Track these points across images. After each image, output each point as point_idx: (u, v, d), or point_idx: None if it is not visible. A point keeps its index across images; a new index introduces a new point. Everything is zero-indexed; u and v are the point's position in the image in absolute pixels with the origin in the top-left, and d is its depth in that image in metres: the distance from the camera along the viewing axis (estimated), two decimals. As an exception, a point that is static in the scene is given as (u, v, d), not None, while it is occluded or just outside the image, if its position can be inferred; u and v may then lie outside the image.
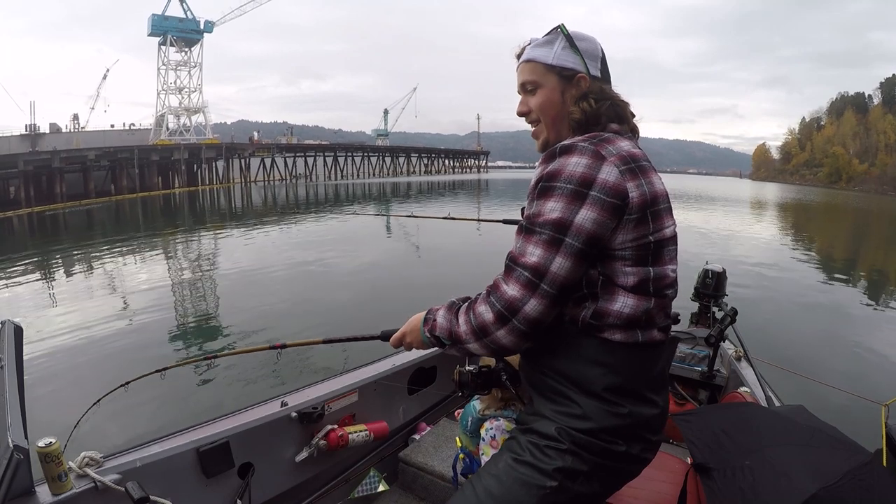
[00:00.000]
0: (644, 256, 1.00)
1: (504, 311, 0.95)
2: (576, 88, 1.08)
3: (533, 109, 1.12)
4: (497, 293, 0.97)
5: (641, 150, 1.06)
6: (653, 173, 1.03)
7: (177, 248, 15.47)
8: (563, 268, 0.93)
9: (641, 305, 0.99)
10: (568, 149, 0.98)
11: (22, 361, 1.30)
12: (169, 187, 46.39)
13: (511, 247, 1.00)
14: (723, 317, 2.41)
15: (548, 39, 1.10)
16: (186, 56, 57.34)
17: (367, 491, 1.97)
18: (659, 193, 1.02)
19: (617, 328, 0.99)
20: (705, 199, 39.73)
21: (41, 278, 11.01)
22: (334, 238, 15.51)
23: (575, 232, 0.93)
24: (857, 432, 1.44)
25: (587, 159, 0.96)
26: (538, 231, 0.95)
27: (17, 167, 35.85)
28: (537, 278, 0.93)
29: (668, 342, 1.09)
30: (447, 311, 1.08)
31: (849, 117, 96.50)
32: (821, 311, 8.21)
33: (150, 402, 4.00)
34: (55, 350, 5.98)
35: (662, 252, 1.03)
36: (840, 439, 1.37)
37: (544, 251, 0.94)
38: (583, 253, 0.94)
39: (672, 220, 1.06)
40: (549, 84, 1.09)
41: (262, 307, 7.78)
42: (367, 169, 68.74)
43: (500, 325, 0.96)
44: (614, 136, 1.03)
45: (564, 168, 0.96)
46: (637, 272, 0.99)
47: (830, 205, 44.26)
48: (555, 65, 1.08)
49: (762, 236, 17.94)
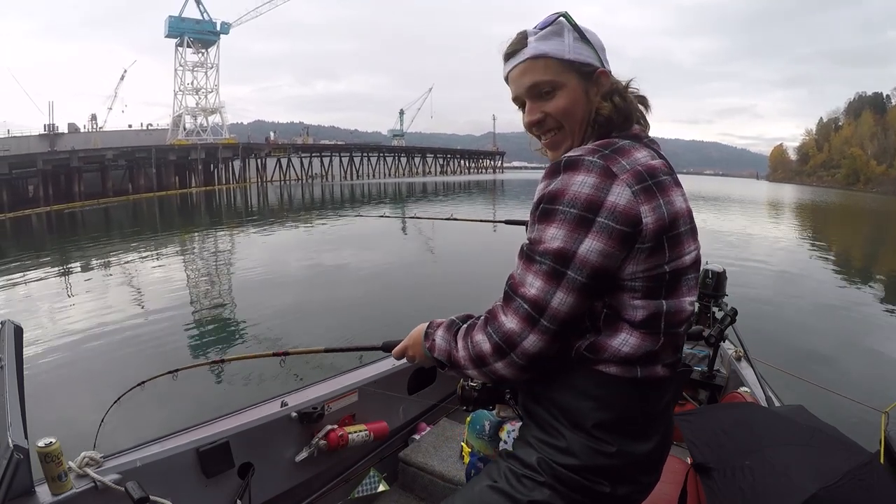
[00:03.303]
0: (657, 288, 0.88)
1: (502, 344, 0.87)
2: (597, 86, 0.96)
3: (553, 114, 0.96)
4: (495, 323, 0.88)
5: (662, 159, 0.92)
6: (673, 189, 0.89)
7: (192, 247, 15.64)
8: (564, 303, 0.84)
9: (644, 346, 0.88)
10: (573, 164, 0.86)
11: (22, 361, 1.30)
12: (186, 187, 46.76)
13: (513, 268, 0.91)
14: (723, 317, 2.42)
15: (553, 31, 0.94)
16: (203, 57, 57.82)
17: (367, 491, 1.97)
18: (679, 214, 0.89)
19: (612, 363, 0.89)
20: (721, 199, 39.83)
21: (58, 275, 11.16)
22: (342, 239, 15.59)
23: (578, 265, 0.83)
24: (855, 439, 1.43)
25: (595, 178, 0.84)
26: (538, 260, 0.85)
27: (36, 166, 36.21)
28: (537, 313, 0.84)
29: (674, 377, 0.96)
30: (446, 331, 1.00)
31: (866, 118, 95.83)
32: (827, 314, 8.15)
33: (155, 403, 4.01)
34: (66, 347, 6.08)
35: (680, 282, 0.90)
36: (840, 439, 1.37)
37: (544, 283, 0.84)
38: (587, 287, 0.84)
39: (694, 243, 0.93)
40: (570, 83, 0.94)
41: (274, 308, 7.83)
42: (382, 169, 68.90)
43: (498, 358, 0.88)
44: (630, 144, 0.90)
45: (568, 188, 0.84)
46: (647, 306, 0.88)
47: (846, 206, 44.15)
48: (573, 60, 0.93)
49: (773, 237, 17.87)
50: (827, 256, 15.06)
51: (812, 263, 13.32)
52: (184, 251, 14.75)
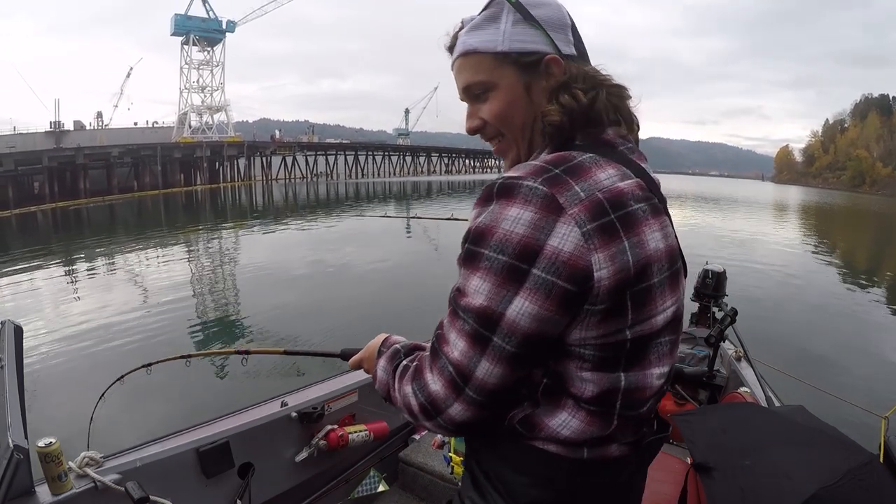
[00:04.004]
0: (613, 360, 0.68)
1: (427, 406, 0.71)
2: (546, 78, 0.74)
3: (489, 121, 0.78)
4: (421, 381, 0.72)
5: (639, 178, 0.70)
6: (647, 223, 0.67)
7: (195, 245, 15.80)
8: (491, 375, 0.66)
9: (590, 431, 0.70)
10: (507, 190, 0.66)
11: (22, 361, 1.30)
12: (191, 184, 46.70)
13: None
14: (723, 317, 2.42)
15: (488, 16, 0.75)
16: (209, 55, 57.67)
17: (367, 491, 1.97)
18: (653, 258, 0.67)
19: (552, 442, 0.71)
20: (725, 200, 39.84)
21: (59, 271, 11.40)
22: (343, 238, 15.73)
23: (506, 331, 0.64)
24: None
25: (533, 212, 0.63)
26: (461, 317, 0.67)
27: (42, 163, 36.18)
28: (461, 380, 0.68)
29: (636, 454, 0.77)
30: (388, 363, 0.83)
31: (872, 120, 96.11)
32: (829, 316, 8.16)
33: (142, 395, 4.11)
34: (64, 344, 6.20)
35: (647, 351, 0.70)
36: (840, 439, 1.37)
37: (467, 347, 0.67)
38: (518, 358, 0.66)
39: (673, 296, 0.72)
40: (505, 81, 0.75)
41: (272, 306, 7.94)
42: (387, 168, 68.74)
43: (426, 419, 0.73)
44: (592, 159, 0.68)
45: (498, 225, 0.64)
46: (598, 380, 0.68)
47: (851, 209, 44.30)
48: (508, 51, 0.73)
49: (776, 239, 17.90)
50: (830, 258, 15.08)
51: (815, 265, 13.34)
52: (187, 249, 14.92)
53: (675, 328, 0.74)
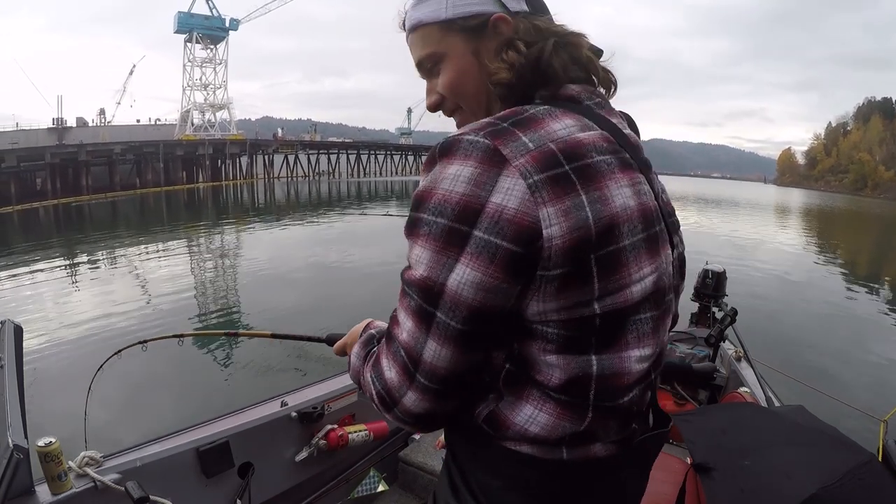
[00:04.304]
0: (580, 339, 0.59)
1: (385, 396, 0.63)
2: (494, 39, 0.68)
3: (444, 94, 0.72)
4: (378, 369, 0.65)
5: (612, 132, 0.63)
6: (614, 176, 0.59)
7: (197, 240, 15.93)
8: (439, 357, 0.58)
9: (561, 426, 0.60)
10: (448, 148, 0.59)
11: (22, 361, 1.30)
12: (193, 182, 46.53)
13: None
14: (723, 317, 2.43)
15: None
16: (212, 53, 57.50)
17: (366, 491, 1.97)
18: (621, 217, 0.57)
19: (524, 441, 0.62)
20: (726, 202, 39.90)
21: (62, 267, 11.39)
22: (345, 236, 15.83)
23: (449, 304, 0.56)
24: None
25: (472, 167, 0.56)
26: (408, 292, 0.60)
27: (45, 159, 36.07)
28: (412, 365, 0.60)
29: (630, 453, 0.67)
30: (361, 349, 0.76)
31: (875, 123, 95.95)
32: (830, 317, 8.14)
33: (136, 369, 4.19)
34: (63, 341, 6.24)
35: (623, 329, 0.60)
36: (840, 439, 1.37)
37: (415, 326, 0.59)
38: (466, 336, 0.57)
39: (652, 261, 0.61)
40: (452, 49, 0.69)
41: (267, 303, 8.00)
42: (389, 167, 68.61)
43: (385, 410, 0.65)
44: (548, 110, 0.61)
45: (437, 186, 0.57)
46: (565, 365, 0.59)
47: (853, 212, 44.25)
48: (452, 17, 0.68)
49: (777, 241, 17.89)
50: (831, 261, 15.07)
51: (815, 267, 13.33)
52: (187, 245, 15.00)
53: (659, 302, 0.63)
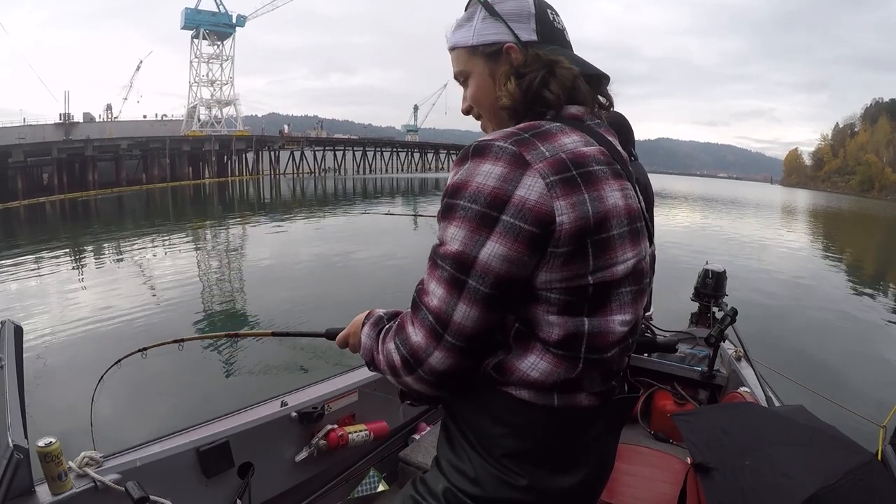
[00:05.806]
0: (576, 303, 0.75)
1: (409, 358, 0.77)
2: (505, 64, 0.84)
3: (470, 103, 0.92)
4: (403, 334, 0.79)
5: (604, 147, 0.80)
6: (608, 182, 0.76)
7: (203, 236, 15.97)
8: (468, 318, 0.73)
9: (557, 372, 0.76)
10: (481, 150, 0.75)
11: (22, 361, 1.30)
12: (199, 177, 46.56)
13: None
14: (723, 317, 2.42)
15: (467, 16, 0.88)
16: (219, 49, 57.48)
17: (366, 491, 1.97)
18: (612, 213, 0.75)
19: (522, 387, 0.78)
20: (731, 202, 39.88)
21: (67, 262, 11.42)
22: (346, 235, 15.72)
23: (480, 272, 0.72)
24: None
25: (502, 167, 0.72)
26: (440, 265, 0.75)
27: (51, 154, 36.01)
28: (441, 327, 0.74)
29: (606, 406, 0.84)
30: (372, 329, 0.90)
31: (883, 124, 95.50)
32: (831, 319, 8.05)
33: (139, 378, 4.17)
34: (62, 340, 6.22)
35: (609, 297, 0.77)
36: (840, 439, 1.37)
37: (446, 293, 0.74)
38: (492, 299, 0.73)
39: (634, 249, 0.79)
40: (476, 70, 0.88)
41: (272, 299, 8.02)
42: (395, 164, 68.41)
43: (408, 373, 0.79)
44: (559, 127, 0.77)
45: (472, 179, 0.73)
46: (563, 324, 0.75)
47: (859, 213, 44.02)
48: (476, 44, 0.86)
49: (781, 241, 17.82)
50: (834, 262, 14.99)
51: (817, 268, 13.26)
52: (192, 241, 15.06)
53: (637, 280, 0.81)
